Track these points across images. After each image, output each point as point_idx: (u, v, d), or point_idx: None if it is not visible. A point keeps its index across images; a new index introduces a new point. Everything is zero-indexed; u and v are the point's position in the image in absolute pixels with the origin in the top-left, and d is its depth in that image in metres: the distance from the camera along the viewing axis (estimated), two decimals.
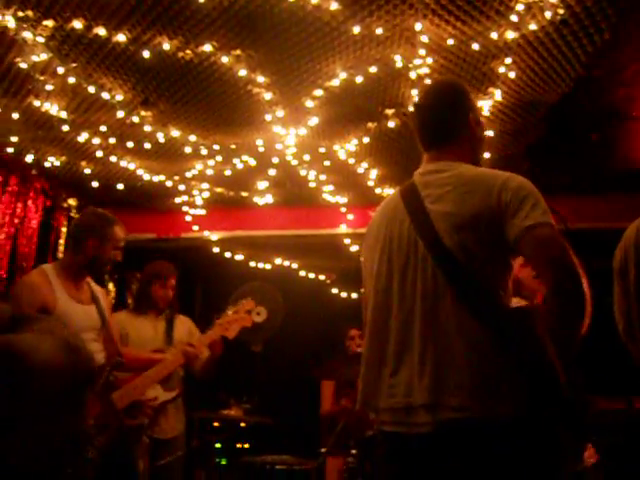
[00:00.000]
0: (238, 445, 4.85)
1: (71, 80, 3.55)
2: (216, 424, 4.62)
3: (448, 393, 1.73)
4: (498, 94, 3.59)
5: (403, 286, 1.90)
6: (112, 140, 4.28)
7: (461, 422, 1.71)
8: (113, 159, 4.57)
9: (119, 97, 3.74)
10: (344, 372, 4.16)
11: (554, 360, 1.72)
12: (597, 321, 1.79)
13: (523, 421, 1.70)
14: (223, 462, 4.41)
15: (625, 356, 2.33)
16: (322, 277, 6.62)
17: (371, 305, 2.01)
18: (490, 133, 4.01)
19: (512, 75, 3.41)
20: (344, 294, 6.49)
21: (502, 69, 3.37)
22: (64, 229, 5.13)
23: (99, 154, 4.48)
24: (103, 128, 4.11)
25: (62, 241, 5.08)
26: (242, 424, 4.76)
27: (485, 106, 3.70)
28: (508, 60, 3.30)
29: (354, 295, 6.17)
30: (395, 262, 1.94)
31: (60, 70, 3.47)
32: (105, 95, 3.70)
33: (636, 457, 3.22)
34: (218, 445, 4.19)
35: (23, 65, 3.43)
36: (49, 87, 3.64)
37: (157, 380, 3.43)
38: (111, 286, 5.48)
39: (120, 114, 3.90)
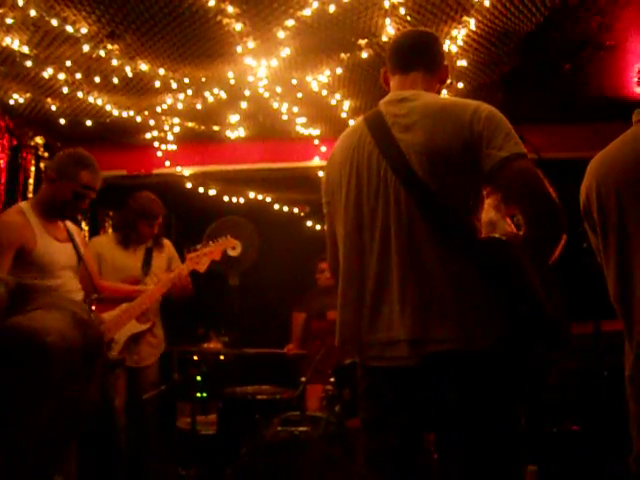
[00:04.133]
0: (218, 377, 4.95)
1: (32, 13, 3.40)
2: (196, 358, 4.70)
3: (431, 327, 1.75)
4: (472, 23, 3.53)
5: (374, 220, 1.88)
6: (78, 75, 4.14)
7: (445, 354, 1.74)
8: (80, 95, 4.44)
9: (84, 30, 3.60)
10: (315, 304, 4.24)
11: (535, 285, 1.76)
12: (565, 247, 1.84)
13: (505, 348, 1.74)
14: (204, 395, 4.51)
15: (592, 280, 2.38)
16: (296, 210, 6.63)
17: (341, 241, 2.00)
18: (464, 63, 3.98)
19: (487, 3, 3.35)
20: (318, 227, 6.53)
21: None
22: (32, 168, 5.02)
23: (65, 90, 4.35)
24: (68, 63, 3.97)
25: (31, 180, 4.98)
26: (221, 357, 4.86)
27: (459, 36, 3.65)
28: None
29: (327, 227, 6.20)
30: (365, 196, 1.92)
31: (20, 2, 3.32)
32: (69, 28, 3.56)
33: (602, 379, 3.37)
34: (199, 378, 4.27)
35: None
36: (9, 20, 3.49)
37: (137, 313, 3.46)
38: (84, 225, 5.43)
39: (85, 48, 3.76)
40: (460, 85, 4.33)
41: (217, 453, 3.92)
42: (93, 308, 3.04)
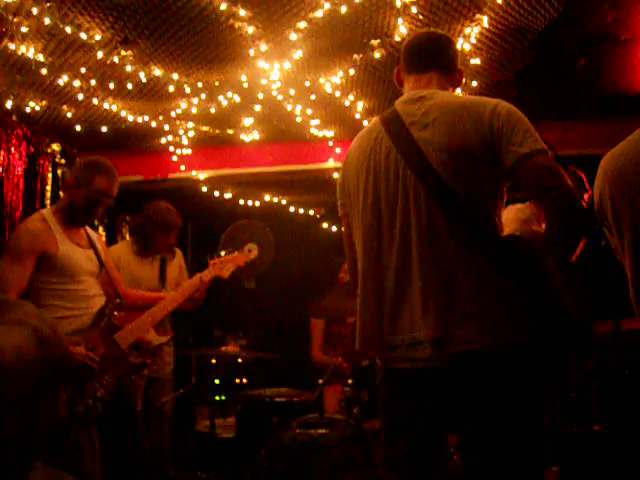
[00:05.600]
0: (236, 380, 4.96)
1: (46, 21, 3.43)
2: (214, 361, 4.72)
3: (455, 326, 1.74)
4: (485, 21, 3.51)
5: (393, 220, 1.87)
6: (93, 82, 4.17)
7: (470, 353, 1.72)
8: (95, 101, 4.48)
9: (97, 37, 3.63)
10: (333, 308, 4.23)
11: (557, 283, 1.74)
12: (584, 244, 1.82)
13: (530, 346, 1.73)
14: (222, 398, 4.52)
15: (612, 278, 2.35)
16: (311, 212, 6.63)
17: (359, 242, 1.98)
18: (478, 61, 3.95)
19: (499, 1, 3.32)
20: (334, 228, 6.52)
21: None
22: (50, 175, 5.07)
23: (80, 97, 4.38)
24: (83, 70, 4.00)
25: (49, 187, 5.03)
26: (239, 360, 4.86)
27: (472, 34, 3.63)
28: None
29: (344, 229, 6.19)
30: (383, 196, 1.90)
31: (34, 10, 3.35)
32: (83, 35, 3.58)
33: (623, 378, 3.33)
34: (217, 381, 4.28)
35: None
36: (24, 29, 3.52)
37: (159, 319, 3.48)
38: (101, 230, 5.47)
39: (100, 55, 3.79)
40: (474, 83, 4.30)
41: (236, 456, 3.92)
42: (115, 314, 3.05)
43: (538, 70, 4.17)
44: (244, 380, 5.05)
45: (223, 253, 3.69)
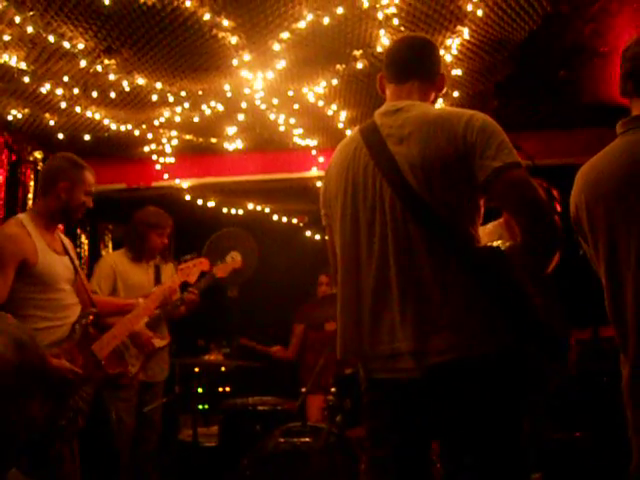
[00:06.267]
0: (220, 389, 4.95)
1: (29, 29, 3.43)
2: (197, 370, 4.70)
3: (429, 338, 1.76)
4: (466, 32, 3.56)
5: (372, 232, 1.88)
6: (76, 90, 4.16)
7: (447, 364, 1.74)
8: (78, 110, 4.47)
9: (81, 46, 3.63)
10: (313, 315, 4.25)
11: (533, 297, 1.76)
12: (562, 254, 1.85)
13: (506, 357, 1.75)
14: (206, 407, 4.51)
15: (589, 287, 2.38)
16: (295, 220, 6.64)
17: (339, 253, 2.00)
18: (459, 72, 4.00)
19: (480, 13, 3.37)
20: (317, 236, 6.54)
21: (470, 7, 3.33)
22: (32, 183, 5.04)
23: (63, 105, 4.37)
24: (66, 78, 4.00)
25: (31, 195, 5.00)
26: (222, 368, 4.85)
27: (453, 45, 3.67)
28: None
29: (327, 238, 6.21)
30: (361, 208, 1.92)
31: (17, 19, 3.35)
32: (66, 44, 3.58)
33: (602, 384, 3.37)
34: (200, 390, 4.27)
35: None
36: (6, 37, 3.52)
37: (134, 326, 3.47)
38: (83, 238, 5.44)
39: (83, 63, 3.78)
40: (455, 94, 4.35)
41: (219, 465, 3.91)
42: (91, 319, 3.01)
43: (518, 81, 4.23)
44: (227, 389, 5.04)
45: (189, 257, 3.71)
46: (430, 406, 1.81)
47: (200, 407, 4.40)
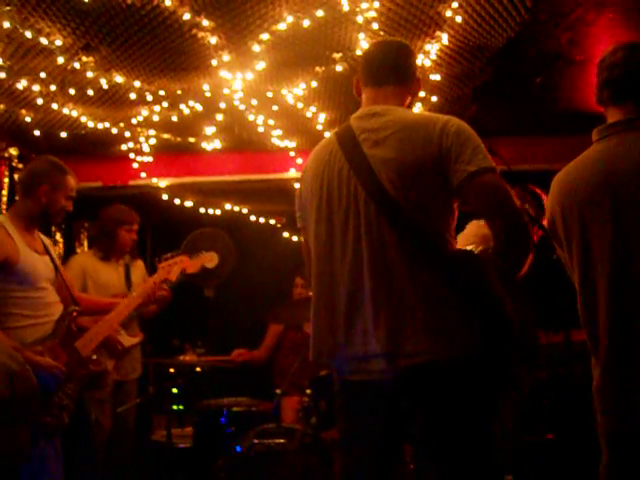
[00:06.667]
0: (194, 390, 4.92)
1: (6, 24, 3.39)
2: (172, 370, 4.67)
3: (402, 340, 1.77)
4: (445, 38, 3.59)
5: (346, 235, 1.89)
6: (53, 87, 4.12)
7: (420, 366, 1.76)
8: (55, 106, 4.42)
9: (58, 42, 3.59)
10: (291, 316, 4.26)
11: (504, 300, 1.79)
12: (535, 258, 1.87)
13: (477, 359, 1.77)
14: (180, 407, 4.48)
15: (562, 290, 2.41)
16: (272, 221, 6.63)
17: (314, 256, 2.01)
18: (437, 77, 4.03)
19: (459, 19, 3.41)
20: (295, 238, 6.54)
21: (449, 13, 3.36)
22: (6, 180, 4.97)
23: (40, 102, 4.32)
24: (43, 75, 3.95)
25: (5, 192, 4.94)
26: (197, 369, 4.83)
27: (432, 50, 3.70)
28: (455, 4, 3.29)
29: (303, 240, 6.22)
30: (335, 211, 1.93)
31: None
32: (43, 40, 3.55)
33: (574, 389, 3.42)
34: (174, 390, 4.25)
35: None
36: None
37: (117, 324, 3.45)
38: (59, 236, 5.38)
39: (60, 60, 3.75)
40: (434, 99, 4.39)
41: (193, 466, 3.89)
42: (74, 315, 3.00)
43: (496, 87, 4.28)
44: (202, 389, 5.01)
45: (169, 255, 3.69)
46: (403, 407, 1.83)
47: (174, 408, 4.36)
